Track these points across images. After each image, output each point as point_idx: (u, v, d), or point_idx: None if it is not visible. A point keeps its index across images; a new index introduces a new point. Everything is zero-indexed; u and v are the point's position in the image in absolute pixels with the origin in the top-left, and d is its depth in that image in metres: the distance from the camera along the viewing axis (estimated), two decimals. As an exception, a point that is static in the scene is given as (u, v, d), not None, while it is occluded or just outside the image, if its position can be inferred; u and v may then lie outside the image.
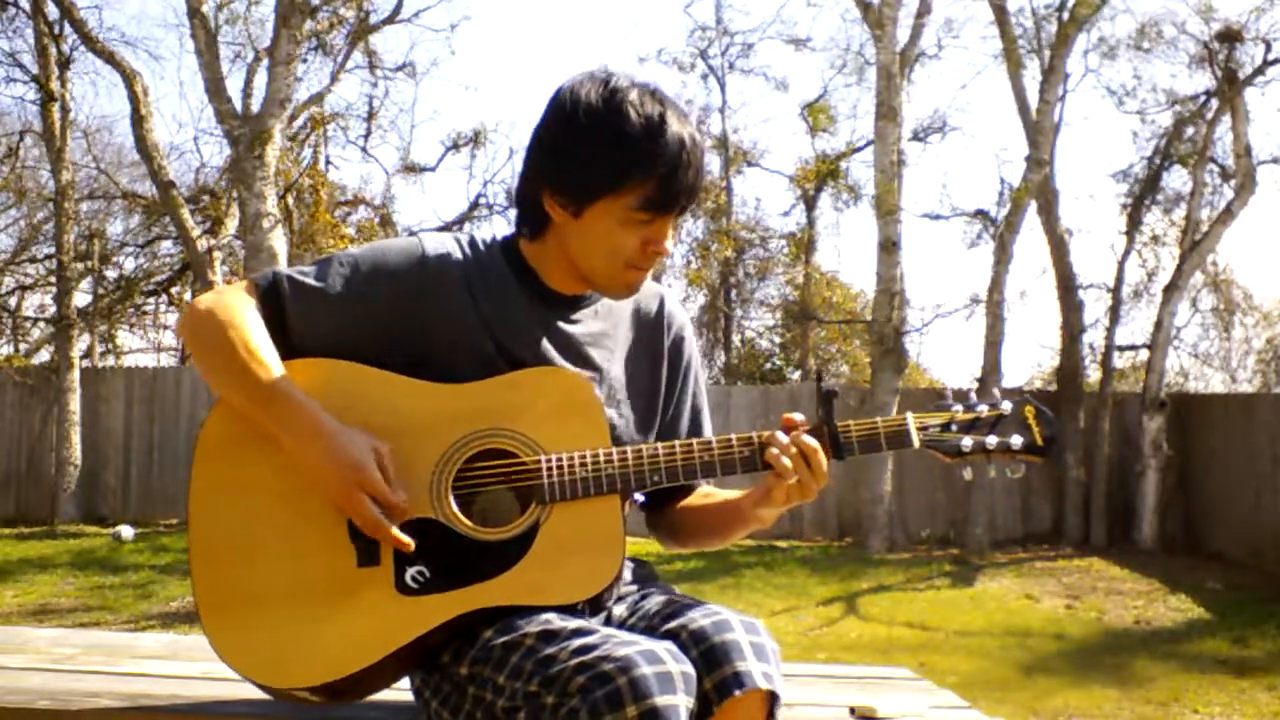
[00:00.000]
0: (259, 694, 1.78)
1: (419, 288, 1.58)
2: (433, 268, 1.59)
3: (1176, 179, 13.22)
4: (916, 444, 1.58)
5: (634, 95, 1.51)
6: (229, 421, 1.55)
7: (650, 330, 1.72)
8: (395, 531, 1.47)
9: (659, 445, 1.56)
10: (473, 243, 1.66)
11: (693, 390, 1.78)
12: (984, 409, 1.61)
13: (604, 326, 1.67)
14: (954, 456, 1.59)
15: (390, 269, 1.58)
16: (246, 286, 1.58)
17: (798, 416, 1.56)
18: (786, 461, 1.51)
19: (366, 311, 1.57)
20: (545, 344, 1.61)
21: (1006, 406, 1.61)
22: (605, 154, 1.49)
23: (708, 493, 1.76)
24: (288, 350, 1.55)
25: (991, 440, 1.59)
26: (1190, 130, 12.60)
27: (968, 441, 1.58)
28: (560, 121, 1.53)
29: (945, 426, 1.60)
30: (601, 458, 1.52)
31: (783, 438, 1.53)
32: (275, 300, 1.57)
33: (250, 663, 1.49)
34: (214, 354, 1.52)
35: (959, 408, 1.61)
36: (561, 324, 1.63)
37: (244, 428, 1.53)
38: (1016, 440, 1.59)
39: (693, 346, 1.79)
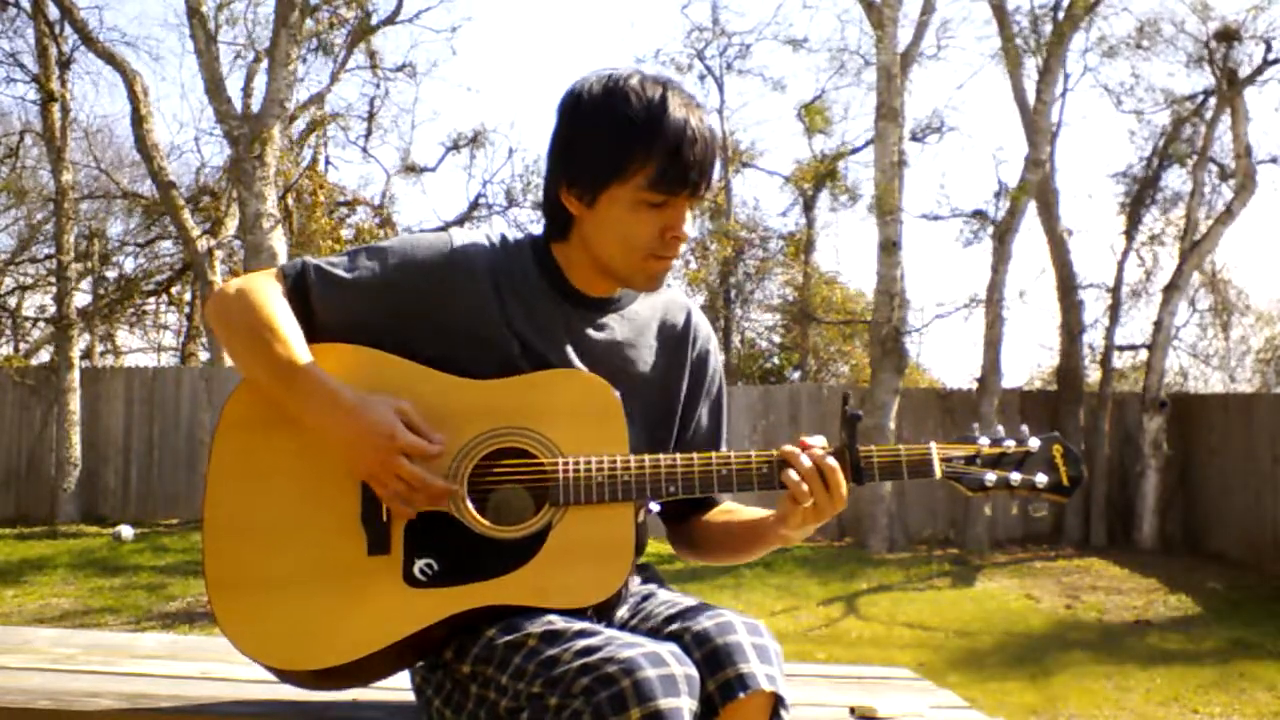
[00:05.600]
0: (259, 694, 1.78)
1: (445, 282, 1.57)
2: (460, 263, 1.59)
3: (1175, 179, 13.22)
4: (939, 475, 1.55)
5: (635, 81, 1.52)
6: (251, 403, 1.56)
7: (675, 342, 1.71)
8: (438, 480, 1.47)
9: (677, 456, 1.54)
10: (503, 240, 1.65)
11: (714, 405, 1.76)
12: (1011, 444, 1.58)
13: (629, 335, 1.66)
14: (976, 490, 1.56)
15: (418, 261, 1.58)
16: (275, 273, 1.60)
17: (816, 440, 1.54)
18: (804, 486, 1.49)
19: (392, 303, 1.57)
20: (569, 347, 1.60)
21: (1034, 444, 1.58)
22: (608, 138, 1.50)
23: (730, 509, 1.74)
24: (312, 338, 1.55)
25: (1015, 477, 1.56)
26: (1189, 130, 12.59)
27: (991, 477, 1.56)
28: (566, 116, 1.56)
29: (970, 459, 1.57)
30: (619, 464, 1.51)
31: (804, 460, 1.51)
32: (302, 288, 1.58)
33: (254, 643, 1.50)
34: (239, 335, 1.53)
35: (985, 441, 1.58)
36: (587, 329, 1.62)
37: (265, 410, 1.54)
38: (1041, 479, 1.56)
39: (717, 362, 1.77)
